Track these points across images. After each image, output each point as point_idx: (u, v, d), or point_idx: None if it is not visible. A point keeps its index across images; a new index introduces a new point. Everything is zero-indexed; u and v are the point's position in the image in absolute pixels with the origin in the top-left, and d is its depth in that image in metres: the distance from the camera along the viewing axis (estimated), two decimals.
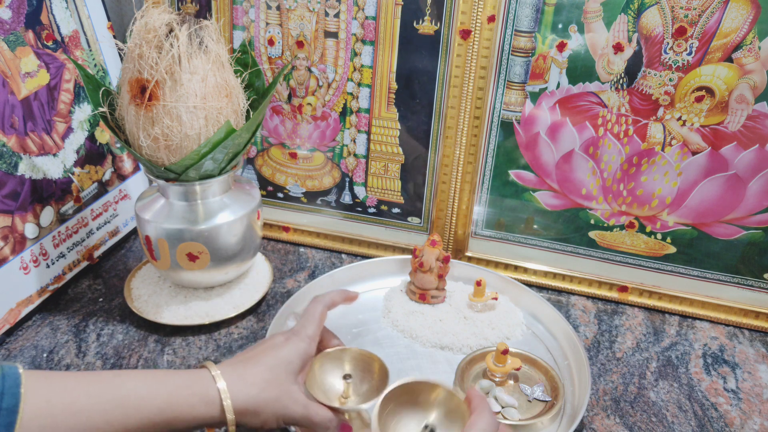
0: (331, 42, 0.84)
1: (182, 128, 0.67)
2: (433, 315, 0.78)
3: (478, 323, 0.77)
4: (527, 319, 0.79)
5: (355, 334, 0.76)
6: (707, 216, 0.78)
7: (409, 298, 0.81)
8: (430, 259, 0.78)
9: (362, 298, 0.81)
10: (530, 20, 0.76)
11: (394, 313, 0.79)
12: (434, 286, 0.79)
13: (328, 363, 0.63)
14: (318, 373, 0.62)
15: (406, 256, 0.86)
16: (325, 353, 0.63)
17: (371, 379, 0.62)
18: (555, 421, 0.64)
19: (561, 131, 0.80)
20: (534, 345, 0.75)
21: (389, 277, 0.85)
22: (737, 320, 0.81)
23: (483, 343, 0.74)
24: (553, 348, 0.75)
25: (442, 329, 0.76)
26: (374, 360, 0.63)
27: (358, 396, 0.61)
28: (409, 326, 0.76)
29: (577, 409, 0.64)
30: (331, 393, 0.61)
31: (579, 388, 0.67)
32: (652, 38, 0.73)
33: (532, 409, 0.65)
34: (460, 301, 0.80)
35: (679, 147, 0.76)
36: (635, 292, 0.84)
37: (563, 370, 0.71)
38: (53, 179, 0.79)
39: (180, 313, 0.76)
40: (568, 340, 0.73)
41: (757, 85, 0.71)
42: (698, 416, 0.67)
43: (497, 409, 0.65)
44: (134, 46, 0.66)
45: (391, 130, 0.87)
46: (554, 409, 0.64)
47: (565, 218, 0.84)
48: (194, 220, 0.73)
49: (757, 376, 0.73)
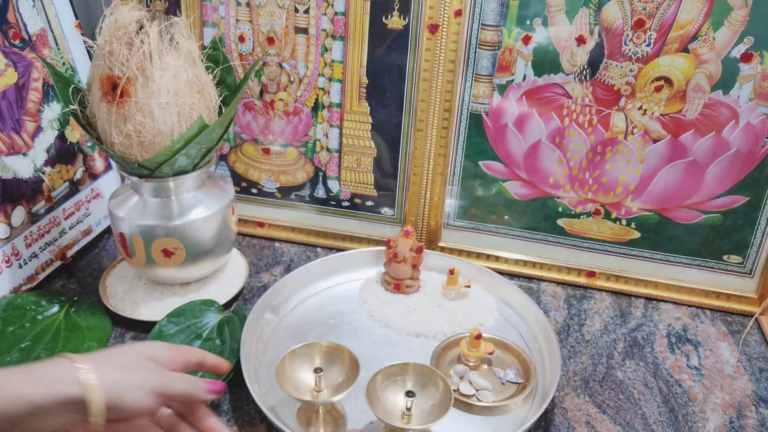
0: (301, 38, 0.85)
1: (155, 124, 0.67)
2: (408, 304, 0.80)
3: (451, 311, 0.78)
4: (499, 306, 0.81)
5: (332, 324, 0.77)
6: (669, 201, 0.82)
7: (384, 289, 0.82)
8: (404, 250, 0.79)
9: (338, 289, 0.83)
10: (496, 14, 0.78)
11: (369, 304, 0.80)
12: (408, 275, 0.81)
13: (297, 358, 0.64)
14: (288, 369, 0.63)
15: (381, 248, 0.87)
16: (293, 350, 0.64)
17: (342, 370, 0.64)
18: (527, 402, 0.67)
19: (528, 122, 0.82)
20: (506, 330, 0.77)
21: (364, 269, 0.86)
22: (699, 301, 0.84)
23: (457, 329, 0.76)
24: (525, 332, 0.77)
25: (416, 317, 0.77)
26: (343, 351, 0.65)
27: (330, 388, 0.63)
28: (385, 315, 0.78)
29: (548, 389, 0.66)
30: (303, 387, 0.63)
31: (550, 369, 0.69)
32: (613, 30, 0.75)
33: (505, 391, 0.68)
34: (434, 290, 0.82)
35: (641, 135, 0.79)
36: (602, 277, 0.87)
37: (534, 353, 0.73)
38: (23, 179, 0.79)
39: (156, 309, 0.76)
40: (539, 325, 0.76)
41: (712, 74, 0.75)
42: (663, 392, 0.70)
43: (471, 392, 0.67)
44: (104, 43, 0.66)
45: (362, 124, 0.88)
46: (526, 390, 0.67)
47: (534, 207, 0.87)
48: (169, 216, 0.73)
49: (718, 353, 0.76)
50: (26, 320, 0.74)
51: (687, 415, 0.67)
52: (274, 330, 0.76)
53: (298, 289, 0.82)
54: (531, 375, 0.68)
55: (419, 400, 0.60)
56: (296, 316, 0.79)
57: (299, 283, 0.82)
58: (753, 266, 0.82)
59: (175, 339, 0.71)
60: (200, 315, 0.74)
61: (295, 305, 0.80)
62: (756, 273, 0.82)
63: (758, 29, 0.71)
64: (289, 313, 0.79)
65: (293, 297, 0.81)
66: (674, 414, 0.67)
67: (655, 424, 0.66)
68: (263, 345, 0.73)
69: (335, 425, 0.63)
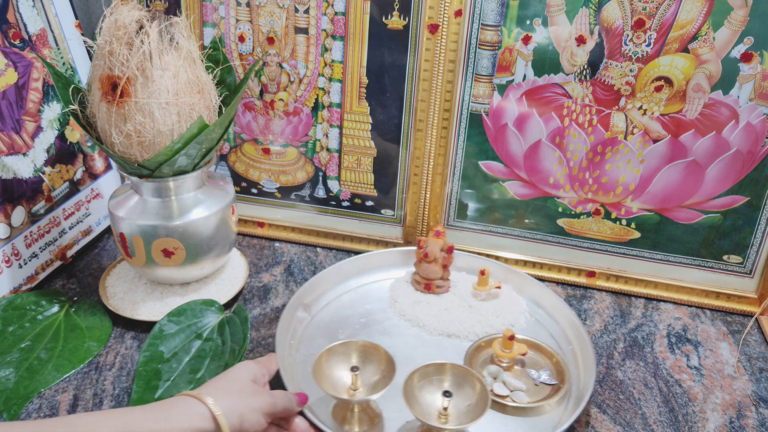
0: (301, 38, 0.85)
1: (155, 124, 0.67)
2: (439, 304, 0.80)
3: (482, 311, 0.79)
4: (530, 307, 0.81)
5: (363, 324, 0.78)
6: (669, 201, 0.82)
7: (414, 288, 0.83)
8: (435, 250, 0.80)
9: (368, 288, 0.84)
10: (496, 14, 0.78)
11: (400, 303, 0.80)
12: (439, 276, 0.81)
13: (334, 357, 0.65)
14: (325, 367, 0.64)
15: (410, 248, 0.87)
16: (330, 348, 0.65)
17: (378, 369, 0.64)
18: (562, 403, 0.66)
19: (528, 122, 0.82)
20: (538, 331, 0.77)
21: (393, 269, 0.87)
22: (699, 301, 0.84)
23: (488, 330, 0.76)
24: (557, 334, 0.77)
25: (448, 318, 0.78)
26: (379, 350, 0.65)
27: (366, 386, 0.63)
28: (416, 315, 0.78)
29: (582, 391, 0.66)
30: (340, 385, 0.63)
31: (584, 371, 0.69)
32: (613, 30, 0.75)
33: (539, 392, 0.67)
34: (464, 290, 0.82)
35: (641, 135, 0.79)
36: (602, 277, 0.87)
37: (567, 355, 0.73)
38: (23, 179, 0.79)
39: (156, 309, 0.76)
40: (572, 326, 0.75)
41: (712, 74, 0.75)
42: (663, 392, 0.70)
43: (506, 393, 0.67)
44: (104, 43, 0.66)
45: (362, 124, 0.88)
46: (561, 392, 0.66)
47: (534, 207, 0.87)
48: (169, 216, 0.74)
49: (718, 353, 0.76)
50: (26, 320, 0.74)
51: (687, 415, 0.67)
52: (306, 328, 0.76)
53: (329, 287, 0.82)
54: (565, 376, 0.68)
55: (455, 400, 0.60)
56: (327, 314, 0.79)
57: (330, 281, 0.82)
58: (753, 266, 0.82)
59: (175, 338, 0.71)
60: (201, 315, 0.74)
61: (326, 303, 0.81)
62: (756, 273, 0.82)
63: (758, 29, 0.71)
64: (320, 312, 0.79)
65: (325, 295, 0.81)
66: (674, 414, 0.67)
67: (655, 424, 0.66)
68: (296, 343, 0.73)
69: (370, 424, 0.63)
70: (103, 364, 0.70)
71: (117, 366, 0.70)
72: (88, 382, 0.68)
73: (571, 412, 0.64)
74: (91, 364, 0.70)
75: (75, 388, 0.67)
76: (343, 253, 0.93)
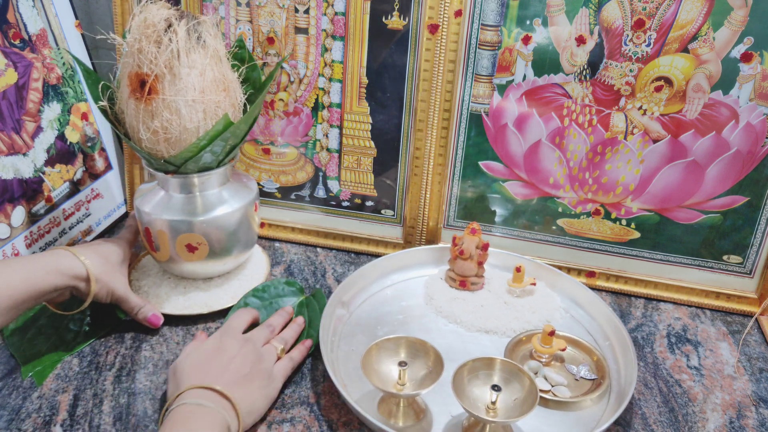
0: (301, 38, 0.85)
1: (181, 121, 0.68)
2: (475, 301, 0.80)
3: (518, 308, 0.79)
4: (565, 303, 0.81)
5: (401, 320, 0.78)
6: (669, 201, 0.82)
7: (449, 285, 0.83)
8: (470, 247, 0.80)
9: (403, 285, 0.84)
10: (496, 14, 0.78)
11: (436, 300, 0.81)
12: (474, 272, 0.81)
13: (383, 351, 0.66)
14: (374, 361, 0.65)
15: (444, 245, 0.87)
16: (379, 342, 0.65)
17: (424, 365, 0.65)
18: (603, 398, 0.67)
19: (528, 122, 0.82)
20: (573, 327, 0.78)
21: (427, 266, 0.87)
22: (699, 301, 0.84)
23: (525, 326, 0.76)
24: (593, 330, 0.77)
25: (484, 314, 0.78)
26: (428, 347, 0.65)
27: (413, 382, 0.64)
28: (453, 312, 0.78)
29: (624, 387, 0.67)
30: (387, 380, 0.64)
31: (624, 367, 0.70)
32: (613, 30, 0.75)
33: (579, 387, 0.68)
34: (499, 287, 0.83)
35: (641, 135, 0.79)
36: (602, 277, 0.87)
37: (605, 350, 0.73)
38: (24, 179, 0.79)
39: (180, 304, 0.77)
40: (609, 322, 0.76)
41: (712, 74, 0.75)
42: (663, 393, 0.70)
43: (547, 387, 0.67)
44: (133, 41, 0.66)
45: (362, 124, 0.88)
46: (602, 387, 0.67)
47: (534, 207, 0.87)
48: (193, 212, 0.74)
49: (718, 353, 0.76)
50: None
51: (687, 415, 0.67)
52: (345, 325, 0.77)
53: (366, 285, 0.82)
54: (605, 372, 0.69)
55: (503, 395, 0.61)
56: (365, 311, 0.79)
57: (367, 279, 0.83)
58: (753, 266, 0.82)
59: (261, 313, 0.76)
60: (282, 293, 0.79)
61: (363, 301, 0.81)
62: (756, 273, 0.82)
63: (758, 29, 0.71)
64: (357, 309, 0.80)
65: (362, 293, 0.82)
66: (674, 414, 0.67)
67: (655, 424, 0.66)
68: (337, 339, 0.74)
69: (416, 418, 0.63)
70: (103, 364, 0.70)
71: (117, 366, 0.70)
72: (88, 382, 0.68)
73: (613, 408, 0.64)
74: (91, 364, 0.70)
75: (75, 388, 0.67)
76: (343, 254, 0.93)
